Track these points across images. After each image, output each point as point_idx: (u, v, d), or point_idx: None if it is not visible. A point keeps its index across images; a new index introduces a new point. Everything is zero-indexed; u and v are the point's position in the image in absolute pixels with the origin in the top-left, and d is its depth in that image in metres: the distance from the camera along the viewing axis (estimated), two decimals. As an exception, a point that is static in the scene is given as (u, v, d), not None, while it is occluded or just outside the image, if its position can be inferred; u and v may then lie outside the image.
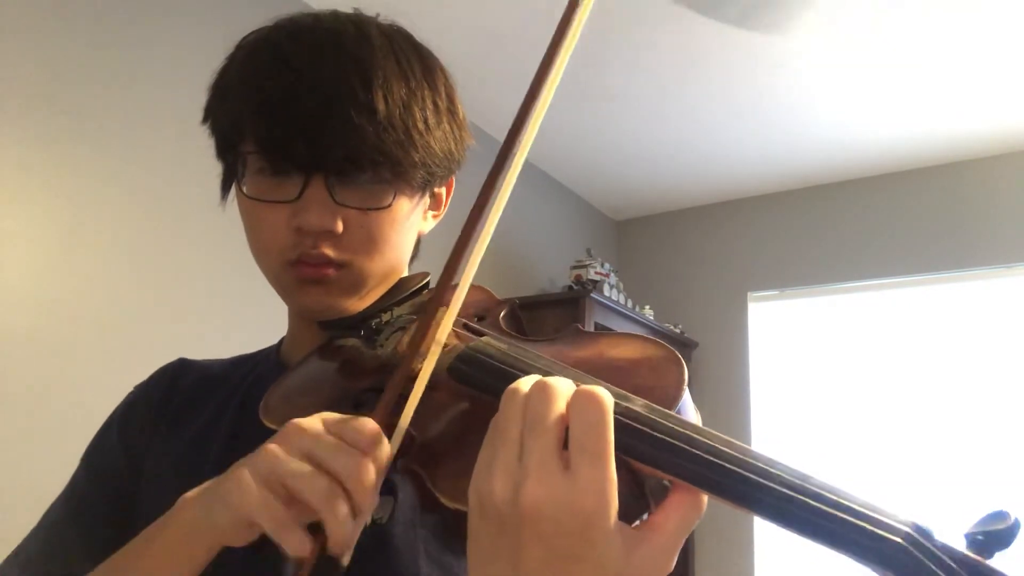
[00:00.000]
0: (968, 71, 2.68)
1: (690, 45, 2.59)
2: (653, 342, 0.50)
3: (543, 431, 0.37)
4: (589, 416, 0.37)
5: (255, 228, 0.64)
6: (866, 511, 0.35)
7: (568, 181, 3.72)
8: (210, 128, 0.66)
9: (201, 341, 1.95)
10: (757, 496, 0.36)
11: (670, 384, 0.45)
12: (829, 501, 0.35)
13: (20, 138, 1.67)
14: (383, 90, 0.59)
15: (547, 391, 0.38)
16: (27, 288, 1.65)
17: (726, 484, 0.37)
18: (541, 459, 0.37)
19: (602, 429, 0.37)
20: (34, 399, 1.63)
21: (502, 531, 0.37)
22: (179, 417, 0.72)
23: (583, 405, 0.37)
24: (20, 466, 1.58)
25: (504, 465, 0.38)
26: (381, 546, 0.57)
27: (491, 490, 0.37)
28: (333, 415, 0.47)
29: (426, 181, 0.65)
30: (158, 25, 1.98)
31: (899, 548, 0.34)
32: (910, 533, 0.34)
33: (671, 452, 0.38)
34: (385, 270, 0.65)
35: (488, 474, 0.38)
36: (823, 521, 0.35)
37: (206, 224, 2.00)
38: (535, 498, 0.36)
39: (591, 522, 0.36)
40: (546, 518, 0.36)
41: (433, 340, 0.47)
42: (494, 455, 0.38)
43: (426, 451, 0.47)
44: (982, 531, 0.34)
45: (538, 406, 0.38)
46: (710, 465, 0.37)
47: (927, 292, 3.33)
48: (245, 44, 0.65)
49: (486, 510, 0.38)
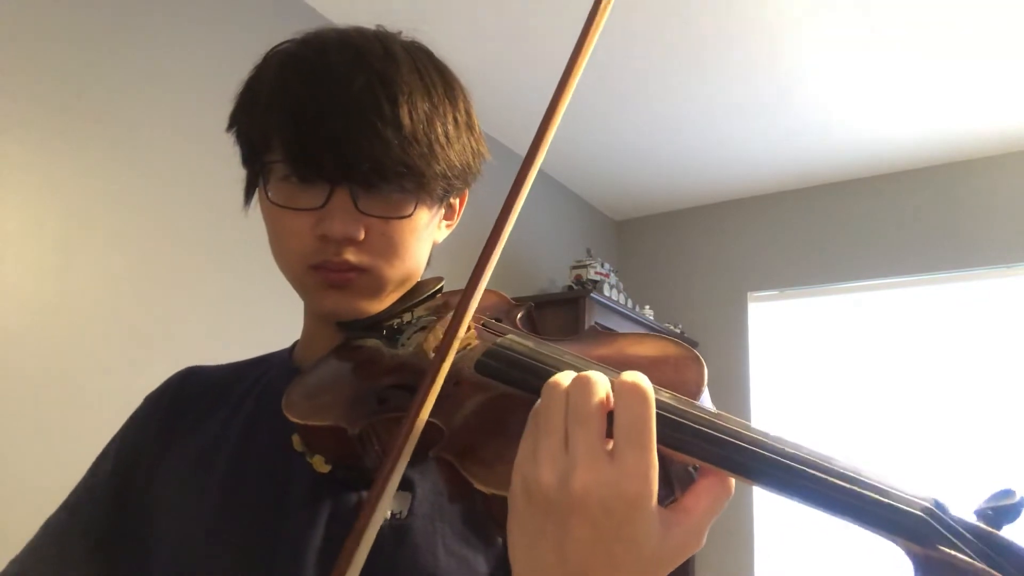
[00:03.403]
0: (968, 71, 2.68)
1: (689, 46, 2.59)
2: (673, 341, 0.52)
3: (588, 421, 0.40)
4: (634, 406, 0.40)
5: (279, 233, 0.66)
6: (889, 487, 0.38)
7: (568, 181, 3.72)
8: (235, 136, 0.68)
9: (201, 341, 1.95)
10: (785, 477, 0.39)
11: (691, 381, 0.47)
12: (857, 480, 0.38)
13: (20, 138, 1.67)
14: (408, 105, 0.61)
15: (589, 384, 0.41)
16: (27, 288, 1.65)
17: (752, 466, 0.39)
18: (588, 447, 0.39)
19: (647, 418, 0.39)
20: (34, 399, 1.63)
21: (549, 515, 0.40)
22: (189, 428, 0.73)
23: (628, 395, 0.40)
24: (20, 466, 1.58)
25: (550, 454, 0.40)
26: (400, 540, 0.58)
27: (538, 477, 0.40)
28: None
29: (445, 192, 0.67)
30: (161, 28, 1.98)
31: (919, 520, 0.37)
32: (929, 507, 0.37)
33: (702, 439, 0.41)
34: (403, 276, 0.67)
35: (534, 462, 0.40)
36: (851, 499, 0.38)
37: (206, 224, 2.00)
38: (584, 484, 0.38)
39: (636, 505, 0.38)
40: (594, 503, 0.38)
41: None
42: (537, 444, 0.41)
43: (456, 441, 0.49)
44: (991, 506, 0.37)
45: (581, 398, 0.40)
46: (738, 449, 0.40)
47: (927, 292, 3.34)
48: (273, 57, 0.67)
49: (533, 495, 0.40)
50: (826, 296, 3.56)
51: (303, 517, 0.60)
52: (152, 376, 0.81)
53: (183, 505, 0.66)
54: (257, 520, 0.62)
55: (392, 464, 0.46)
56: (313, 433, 0.57)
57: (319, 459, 0.58)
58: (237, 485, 0.65)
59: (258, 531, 0.61)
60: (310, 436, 0.58)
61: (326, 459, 0.58)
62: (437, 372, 0.48)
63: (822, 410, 3.40)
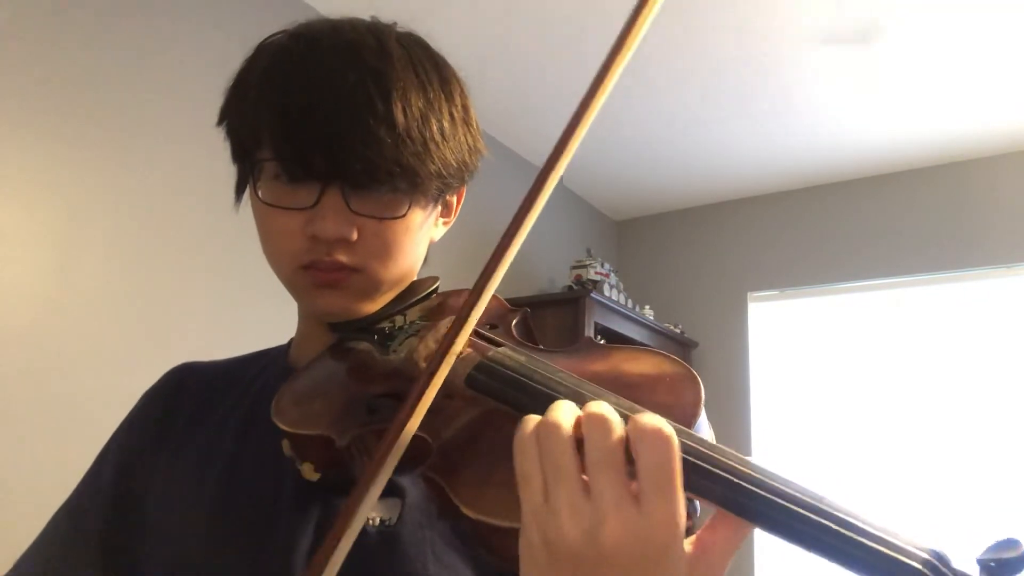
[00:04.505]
0: (968, 71, 2.68)
1: (689, 46, 2.59)
2: (668, 358, 0.50)
3: (611, 465, 0.37)
4: (659, 454, 0.37)
5: (269, 233, 0.64)
6: (885, 536, 0.36)
7: (568, 181, 3.72)
8: (226, 131, 0.66)
9: (201, 341, 1.95)
10: (787, 522, 0.38)
11: (688, 403, 0.45)
12: (851, 526, 0.37)
13: (20, 138, 1.67)
14: (402, 102, 0.59)
15: (606, 425, 0.38)
16: (27, 288, 1.65)
17: (761, 511, 0.38)
18: (616, 498, 0.37)
19: (673, 466, 0.37)
20: (34, 399, 1.63)
21: (577, 568, 0.38)
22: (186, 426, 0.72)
23: (652, 443, 0.37)
24: (20, 466, 1.58)
25: (569, 503, 0.37)
26: (389, 548, 0.57)
27: (561, 531, 0.37)
28: None
29: (440, 191, 0.65)
30: (160, 28, 1.98)
31: (916, 573, 0.35)
32: (928, 559, 0.35)
33: (713, 481, 0.39)
34: (398, 276, 0.65)
35: (552, 514, 0.38)
36: (843, 544, 0.36)
37: (206, 224, 2.00)
38: (615, 538, 0.37)
39: (666, 551, 0.37)
40: (626, 553, 0.37)
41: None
42: (551, 492, 0.38)
43: (443, 459, 0.47)
44: (994, 559, 0.35)
45: (602, 441, 0.38)
46: (750, 495, 0.38)
47: (927, 292, 3.33)
48: (263, 50, 0.65)
49: (557, 550, 0.38)
50: (826, 296, 3.56)
51: (293, 522, 0.60)
52: (151, 375, 0.81)
53: (179, 504, 0.65)
54: (249, 523, 0.61)
55: (371, 478, 0.43)
56: (301, 441, 0.56)
57: (308, 466, 0.57)
58: (231, 487, 0.64)
59: (249, 534, 0.61)
60: (298, 444, 0.56)
61: (315, 467, 0.57)
62: (427, 384, 0.46)
63: (822, 410, 3.40)
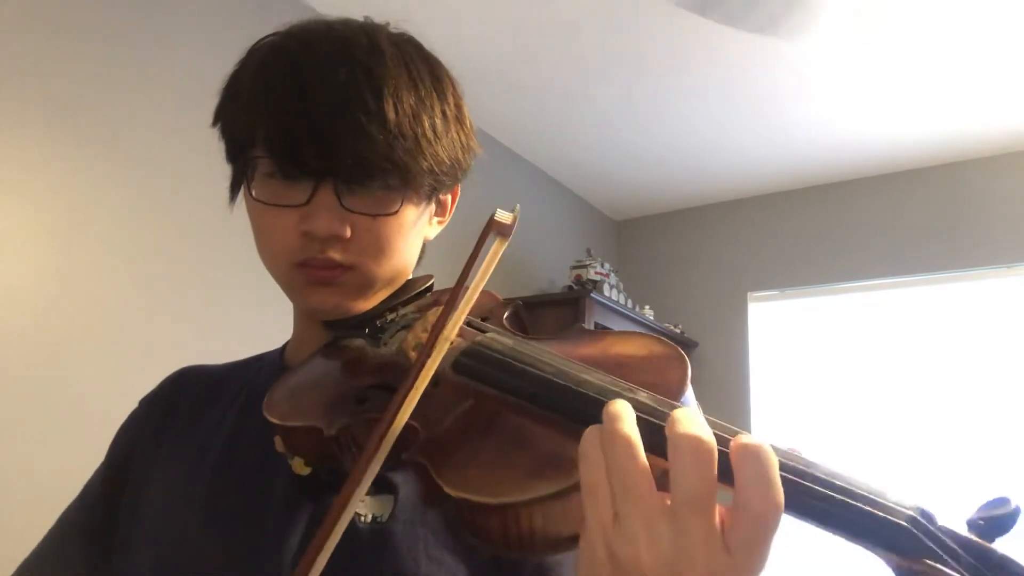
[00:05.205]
0: (968, 71, 2.68)
1: (689, 45, 2.59)
2: (656, 339, 0.50)
3: (704, 509, 0.34)
4: (768, 514, 0.34)
5: (263, 231, 0.64)
6: (871, 495, 0.36)
7: (568, 181, 3.72)
8: (220, 131, 0.67)
9: (201, 341, 1.95)
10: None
11: (672, 380, 0.46)
12: (837, 487, 0.36)
13: (20, 138, 1.67)
14: (394, 99, 0.59)
15: (703, 456, 0.35)
16: (27, 288, 1.65)
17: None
18: (706, 537, 0.34)
19: (775, 525, 0.35)
20: (34, 399, 1.63)
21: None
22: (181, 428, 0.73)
23: (760, 502, 0.34)
24: (20, 466, 1.58)
25: (648, 531, 0.35)
26: (381, 544, 0.57)
27: (638, 558, 0.35)
28: None
29: (433, 189, 0.65)
30: (160, 27, 1.98)
31: (902, 530, 0.34)
32: (913, 516, 0.35)
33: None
34: (391, 274, 0.65)
35: (628, 541, 0.35)
36: (830, 506, 0.36)
37: (206, 224, 2.00)
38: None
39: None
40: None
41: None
42: (624, 514, 0.36)
43: (431, 444, 0.47)
44: (983, 516, 0.35)
45: (698, 476, 0.34)
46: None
47: (927, 292, 3.33)
48: (257, 50, 0.65)
49: (627, 570, 0.36)
50: (826, 296, 3.56)
51: (284, 519, 0.60)
52: (151, 376, 0.82)
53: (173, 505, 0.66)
54: (241, 521, 0.62)
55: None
56: (292, 434, 0.56)
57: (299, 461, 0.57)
58: (224, 486, 0.65)
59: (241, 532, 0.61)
60: (289, 437, 0.57)
61: (306, 461, 0.57)
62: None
63: (822, 410, 3.40)
